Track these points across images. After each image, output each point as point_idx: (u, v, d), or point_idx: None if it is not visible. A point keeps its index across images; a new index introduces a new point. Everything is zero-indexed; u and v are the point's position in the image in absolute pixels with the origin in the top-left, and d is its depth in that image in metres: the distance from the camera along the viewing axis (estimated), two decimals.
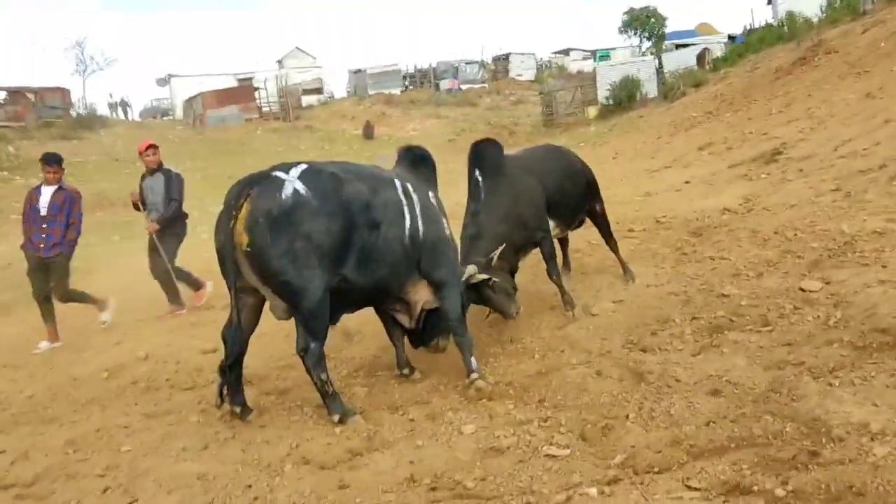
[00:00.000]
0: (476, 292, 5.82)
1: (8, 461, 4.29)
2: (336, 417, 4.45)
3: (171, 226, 8.62)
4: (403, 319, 5.38)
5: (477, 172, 6.21)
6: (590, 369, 4.99)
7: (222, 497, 3.51)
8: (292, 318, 4.60)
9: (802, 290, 5.77)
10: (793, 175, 10.93)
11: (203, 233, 16.96)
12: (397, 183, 5.08)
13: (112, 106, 45.92)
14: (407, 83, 49.65)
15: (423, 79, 50.31)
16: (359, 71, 48.45)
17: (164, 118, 46.96)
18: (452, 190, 8.09)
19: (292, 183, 4.34)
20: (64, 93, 42.18)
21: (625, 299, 6.48)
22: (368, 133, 35.81)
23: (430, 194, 5.50)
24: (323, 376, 4.49)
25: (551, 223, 6.47)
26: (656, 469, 3.51)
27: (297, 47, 51.50)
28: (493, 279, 5.76)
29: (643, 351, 5.19)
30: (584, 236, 9.08)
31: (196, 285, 8.89)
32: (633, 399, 4.40)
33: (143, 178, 8.91)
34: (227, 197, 4.38)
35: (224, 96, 40.58)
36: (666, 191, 12.82)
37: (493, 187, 6.14)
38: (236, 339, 4.62)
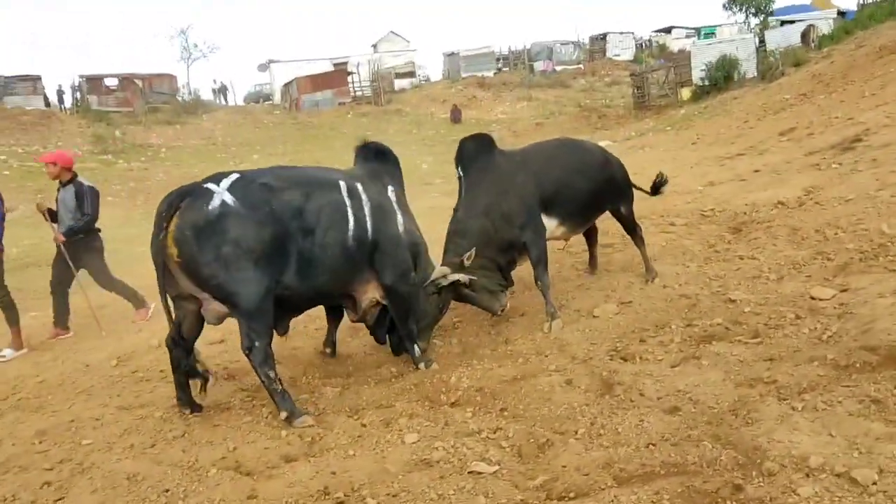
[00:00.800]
0: (455, 291, 5.73)
1: None
2: (283, 415, 4.52)
3: (88, 239, 7.95)
4: (349, 313, 5.48)
5: (459, 169, 6.07)
6: (563, 377, 4.81)
7: (137, 500, 3.58)
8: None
9: (813, 297, 5.37)
10: (864, 165, 10.13)
11: None
12: (342, 185, 5.03)
13: (215, 91, 47.81)
14: (500, 65, 49.18)
15: (516, 60, 49.69)
16: (452, 54, 48.35)
17: (266, 103, 48.41)
18: None
19: (220, 195, 4.44)
20: (171, 79, 44.20)
21: (633, 301, 6.19)
22: (456, 117, 35.75)
23: (389, 190, 5.42)
24: (270, 374, 4.55)
25: (552, 223, 6.17)
26: (571, 495, 3.35)
27: (391, 31, 52.01)
28: (471, 278, 5.63)
29: (623, 360, 4.95)
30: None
31: (137, 301, 8.37)
32: (590, 413, 4.22)
33: (58, 189, 8.08)
34: (158, 209, 4.49)
35: (318, 81, 41.45)
36: (731, 180, 12.14)
37: (474, 184, 5.99)
38: (179, 346, 4.76)
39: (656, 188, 7.29)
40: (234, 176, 4.62)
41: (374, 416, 4.55)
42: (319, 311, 5.90)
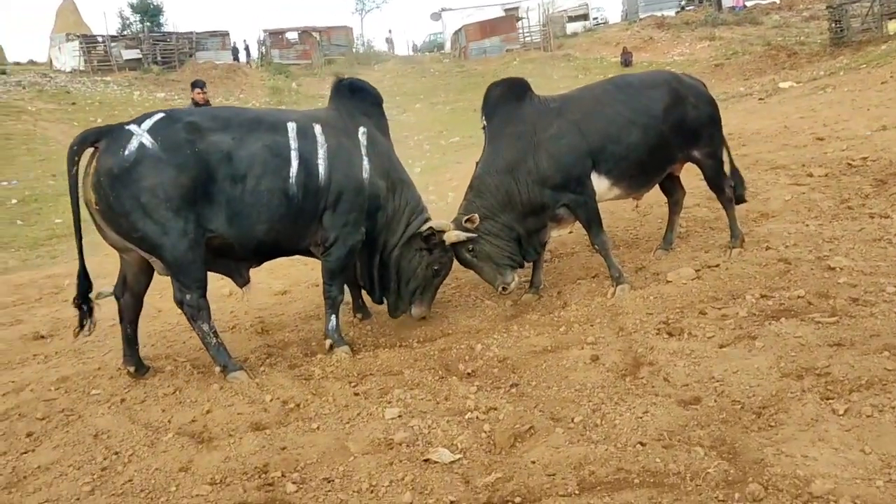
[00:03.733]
0: (454, 253, 5.19)
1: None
2: (217, 369, 4.36)
3: None
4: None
5: (483, 118, 5.41)
6: (593, 351, 4.20)
7: (84, 462, 3.48)
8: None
9: None
10: None
11: (416, 167, 17.45)
12: (291, 126, 4.58)
13: (389, 42, 48.58)
14: (683, 3, 45.83)
15: None
16: None
17: (440, 52, 48.54)
18: None
19: (139, 137, 4.12)
20: (348, 31, 45.38)
21: (720, 265, 5.33)
22: (626, 60, 33.74)
23: (361, 132, 4.90)
24: (205, 327, 4.33)
25: (601, 183, 5.27)
26: (517, 500, 2.82)
27: None
28: (469, 236, 5.03)
29: (669, 334, 4.23)
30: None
31: None
32: (597, 398, 3.62)
33: None
34: (70, 144, 4.19)
35: (486, 28, 40.75)
36: None
37: (496, 135, 5.29)
38: (126, 298, 4.57)
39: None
40: (159, 115, 4.29)
41: (375, 384, 4.19)
42: None
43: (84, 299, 4.48)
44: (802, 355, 3.57)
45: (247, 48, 43.09)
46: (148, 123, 4.22)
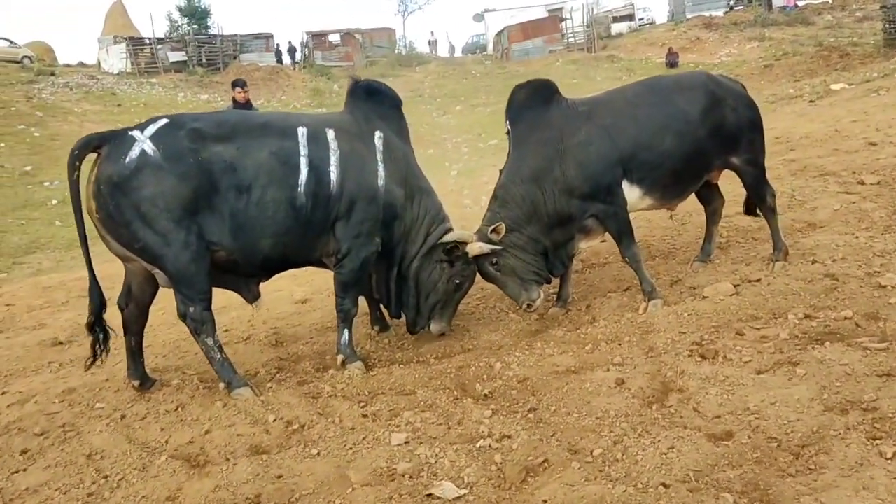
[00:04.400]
0: (476, 266, 4.93)
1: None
2: (221, 385, 4.20)
3: None
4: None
5: (508, 122, 5.12)
6: (619, 374, 3.90)
7: (73, 485, 3.31)
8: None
9: None
10: None
11: (453, 170, 17.23)
12: (301, 132, 4.34)
13: (431, 44, 48.48)
14: (732, 3, 44.81)
15: None
16: None
17: (482, 53, 48.25)
18: None
19: (141, 144, 3.94)
20: (390, 33, 45.40)
21: (762, 279, 4.98)
22: (672, 61, 32.99)
23: (377, 137, 4.65)
24: (209, 341, 4.14)
25: (633, 193, 4.94)
26: None
27: None
28: (494, 248, 4.75)
29: (702, 357, 3.92)
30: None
31: None
32: (620, 428, 3.33)
33: None
34: (72, 148, 4.03)
35: (529, 29, 40.31)
36: None
37: (522, 141, 4.99)
38: (131, 309, 4.40)
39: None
40: (163, 121, 4.12)
41: (385, 404, 3.96)
42: None
43: (98, 321, 4.32)
44: (848, 386, 3.24)
45: (291, 50, 43.37)
46: (151, 129, 4.06)
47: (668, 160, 4.94)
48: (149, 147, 3.96)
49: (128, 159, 3.92)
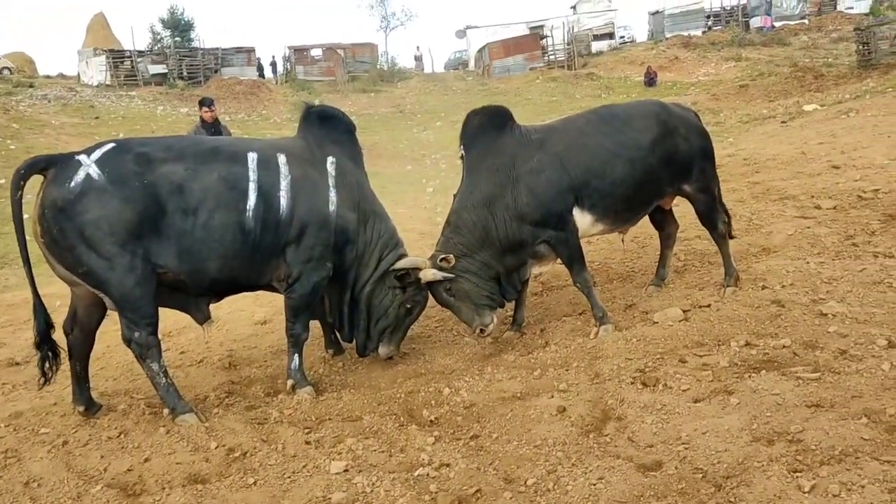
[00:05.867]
0: (430, 292, 4.98)
1: None
2: (165, 411, 4.19)
3: None
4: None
5: (462, 148, 5.17)
6: (562, 401, 3.94)
7: None
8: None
9: None
10: None
11: (429, 187, 17.27)
12: (252, 157, 4.37)
13: (417, 59, 48.66)
14: (710, 23, 45.39)
15: (729, 17, 45.60)
16: (657, 12, 45.40)
17: (464, 69, 48.48)
18: None
19: (86, 168, 3.95)
20: (373, 48, 45.51)
21: (712, 305, 5.05)
22: (650, 80, 33.34)
23: (329, 162, 4.69)
24: (154, 366, 4.13)
25: (584, 219, 4.99)
26: None
27: None
28: (446, 276, 4.80)
29: (644, 385, 3.96)
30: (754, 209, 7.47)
31: None
32: (555, 457, 3.37)
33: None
34: (17, 169, 4.02)
35: (510, 46, 40.59)
36: None
37: (475, 167, 5.04)
38: (76, 334, 4.38)
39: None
40: (110, 145, 4.13)
41: (330, 430, 3.97)
42: None
43: (45, 340, 4.28)
44: (777, 416, 3.30)
45: (273, 64, 43.41)
46: (97, 154, 4.06)
47: (619, 187, 5.00)
48: (94, 171, 3.97)
49: (73, 183, 3.92)
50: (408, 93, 37.31)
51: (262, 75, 41.22)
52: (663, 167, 5.16)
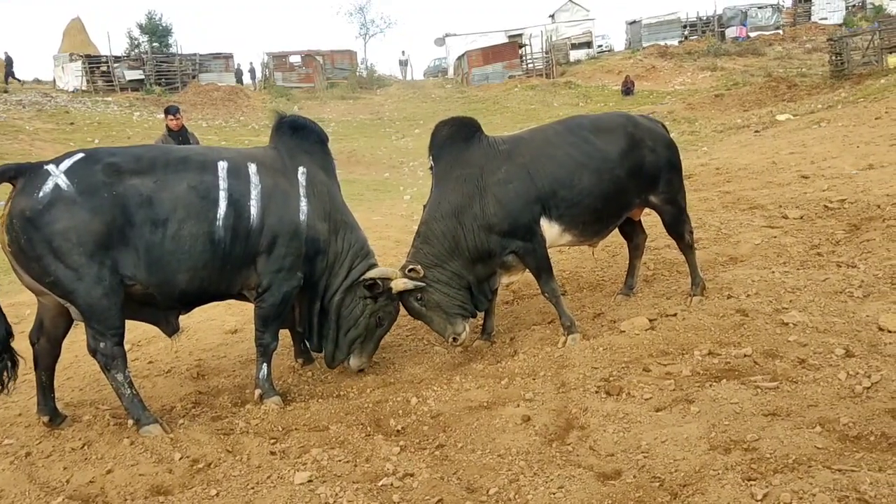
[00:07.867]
0: (401, 302, 5.01)
1: None
2: (130, 422, 4.18)
3: None
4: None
5: (431, 159, 5.22)
6: (527, 410, 3.98)
7: None
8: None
9: (880, 328, 4.12)
10: None
11: (406, 194, 17.29)
12: (222, 166, 4.38)
13: (402, 63, 48.79)
14: (687, 33, 45.92)
15: (705, 27, 46.15)
16: (634, 22, 45.85)
17: (443, 77, 48.63)
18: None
19: (55, 178, 3.93)
20: (352, 55, 45.51)
21: (678, 314, 5.12)
22: (627, 89, 33.67)
23: (300, 172, 4.71)
24: (119, 377, 4.12)
25: (553, 229, 5.05)
26: None
27: (570, 0, 50.11)
28: (418, 285, 4.83)
29: (608, 393, 4.02)
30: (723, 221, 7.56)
31: None
32: (518, 466, 3.40)
33: None
34: None
35: (489, 54, 40.81)
36: (894, 164, 10.19)
37: (443, 178, 5.09)
38: (42, 343, 4.36)
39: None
40: (79, 155, 4.12)
41: (297, 440, 3.97)
42: None
43: (4, 349, 4.25)
44: (735, 425, 3.36)
45: (252, 71, 43.28)
46: (66, 164, 4.04)
47: (586, 198, 5.05)
48: (63, 181, 3.95)
49: (41, 193, 3.90)
50: (387, 100, 37.38)
51: (240, 81, 41.08)
52: (630, 178, 5.23)
